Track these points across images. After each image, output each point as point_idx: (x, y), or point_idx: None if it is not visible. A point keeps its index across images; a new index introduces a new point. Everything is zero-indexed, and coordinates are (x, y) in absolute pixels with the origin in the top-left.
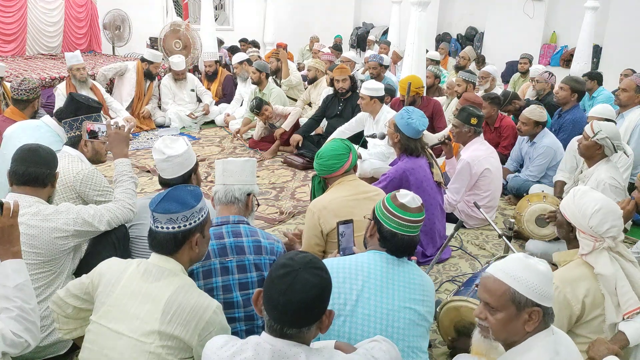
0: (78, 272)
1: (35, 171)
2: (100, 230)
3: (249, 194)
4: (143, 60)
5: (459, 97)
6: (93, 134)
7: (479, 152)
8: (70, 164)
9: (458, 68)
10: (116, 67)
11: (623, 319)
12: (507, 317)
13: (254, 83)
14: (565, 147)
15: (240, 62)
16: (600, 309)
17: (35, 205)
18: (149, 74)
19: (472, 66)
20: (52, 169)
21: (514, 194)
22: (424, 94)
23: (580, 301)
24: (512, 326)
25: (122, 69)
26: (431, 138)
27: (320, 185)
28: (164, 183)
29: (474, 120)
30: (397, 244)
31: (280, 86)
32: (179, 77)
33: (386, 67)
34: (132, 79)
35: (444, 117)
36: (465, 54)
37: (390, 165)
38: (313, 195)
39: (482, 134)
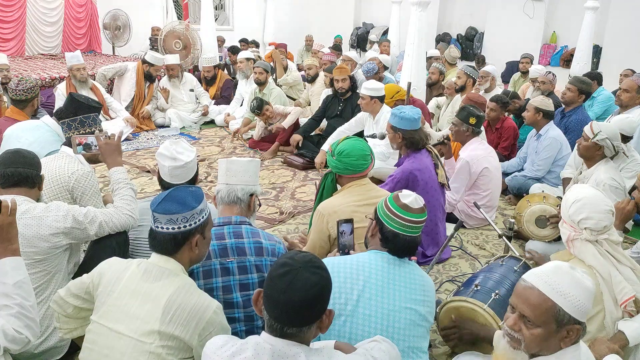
0: (77, 276)
1: (24, 171)
2: (89, 233)
3: (251, 195)
4: (144, 62)
5: (457, 91)
6: (86, 147)
7: (477, 151)
8: (67, 164)
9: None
10: (116, 67)
11: (621, 310)
12: (546, 333)
13: (260, 83)
14: (573, 148)
15: (248, 59)
16: (601, 305)
17: (24, 204)
18: (149, 76)
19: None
20: (38, 170)
21: (514, 194)
22: (410, 96)
23: None
24: (548, 342)
25: (121, 69)
26: (434, 135)
27: (333, 184)
28: (169, 187)
29: (472, 120)
30: (398, 245)
31: (280, 86)
32: (169, 73)
33: (386, 67)
34: (132, 79)
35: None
36: (447, 55)
37: (395, 165)
38: (320, 194)
39: (481, 134)
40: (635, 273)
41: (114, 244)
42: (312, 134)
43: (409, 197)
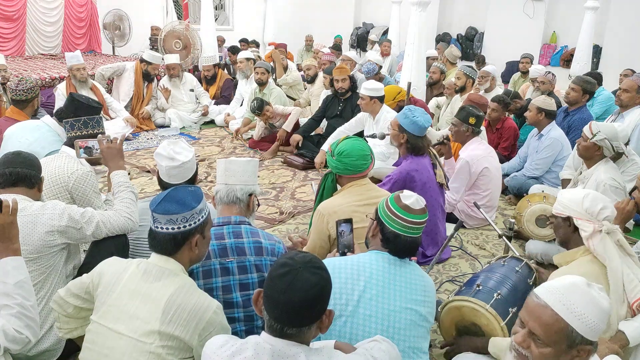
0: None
1: (22, 171)
2: (86, 234)
3: (250, 194)
4: (142, 60)
5: (457, 91)
6: (88, 151)
7: (477, 151)
8: (67, 164)
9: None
10: (114, 67)
11: (632, 309)
12: (555, 352)
13: (261, 83)
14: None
15: (248, 59)
16: None
17: (21, 202)
18: (147, 75)
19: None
20: (38, 171)
21: (515, 193)
22: (410, 96)
23: None
24: None
25: (119, 68)
26: (434, 135)
27: (333, 184)
28: (168, 187)
29: (472, 120)
30: (399, 245)
31: (280, 86)
32: (170, 73)
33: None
34: (130, 79)
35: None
36: (449, 54)
37: (394, 165)
38: (320, 195)
39: (481, 134)
40: (632, 271)
41: (112, 247)
42: (312, 134)
43: (410, 198)
